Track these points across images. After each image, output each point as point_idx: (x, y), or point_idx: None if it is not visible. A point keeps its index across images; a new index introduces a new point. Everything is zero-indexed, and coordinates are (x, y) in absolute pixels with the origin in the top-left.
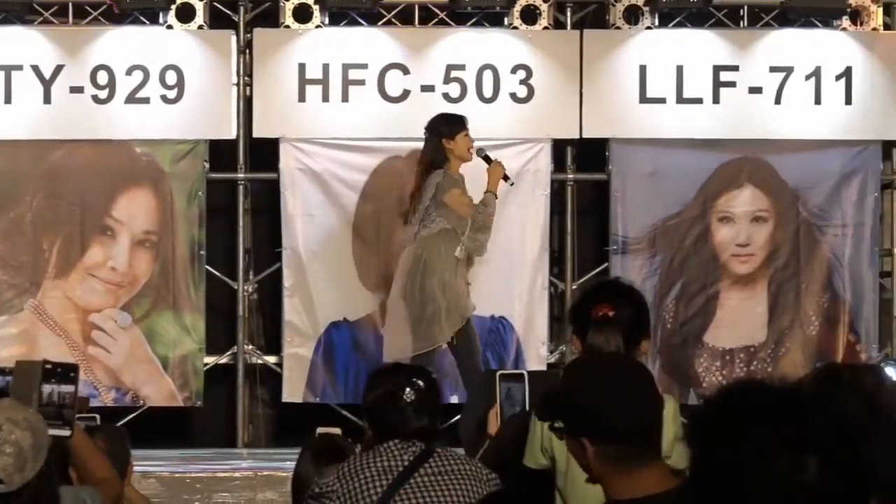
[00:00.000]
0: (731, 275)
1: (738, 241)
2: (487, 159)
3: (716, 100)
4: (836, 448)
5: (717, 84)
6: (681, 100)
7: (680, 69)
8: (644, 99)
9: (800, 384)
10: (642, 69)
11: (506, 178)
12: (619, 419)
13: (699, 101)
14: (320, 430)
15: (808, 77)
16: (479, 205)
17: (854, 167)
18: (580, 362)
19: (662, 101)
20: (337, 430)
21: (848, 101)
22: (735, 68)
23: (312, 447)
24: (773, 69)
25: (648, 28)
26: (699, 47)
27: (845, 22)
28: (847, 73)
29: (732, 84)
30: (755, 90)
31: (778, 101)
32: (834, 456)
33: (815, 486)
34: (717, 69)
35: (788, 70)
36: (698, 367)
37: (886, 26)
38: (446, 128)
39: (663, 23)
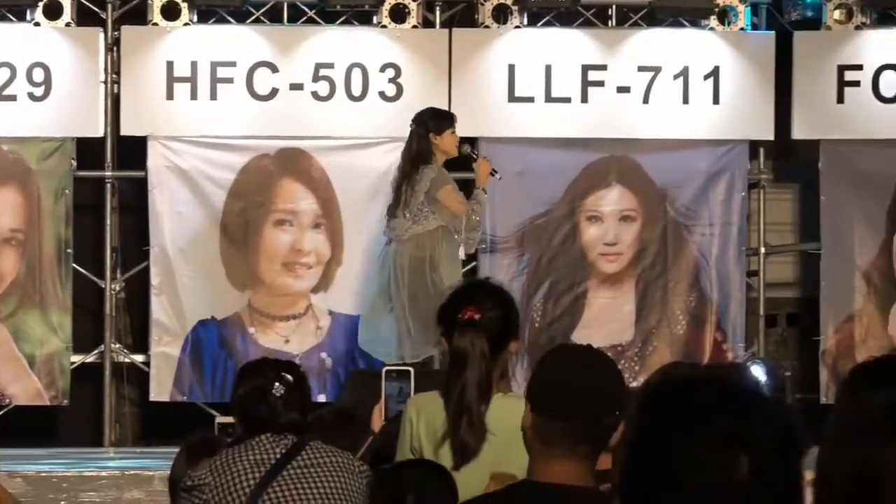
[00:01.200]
0: (599, 274)
1: (605, 240)
2: (473, 156)
3: (584, 99)
4: (770, 449)
5: (586, 83)
6: (549, 99)
7: (548, 68)
8: (512, 98)
9: (738, 376)
10: (511, 68)
11: (493, 172)
12: (559, 389)
13: (567, 100)
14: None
15: (676, 77)
16: (471, 202)
17: (721, 167)
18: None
19: (531, 100)
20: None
21: (716, 100)
22: (603, 67)
23: (186, 446)
24: (641, 69)
25: (517, 27)
26: (567, 47)
27: (713, 22)
28: (715, 73)
29: (601, 83)
30: (623, 90)
31: (646, 100)
32: (768, 457)
33: (744, 484)
34: (586, 68)
35: (656, 70)
36: None
37: (754, 26)
38: (434, 122)
39: (532, 22)
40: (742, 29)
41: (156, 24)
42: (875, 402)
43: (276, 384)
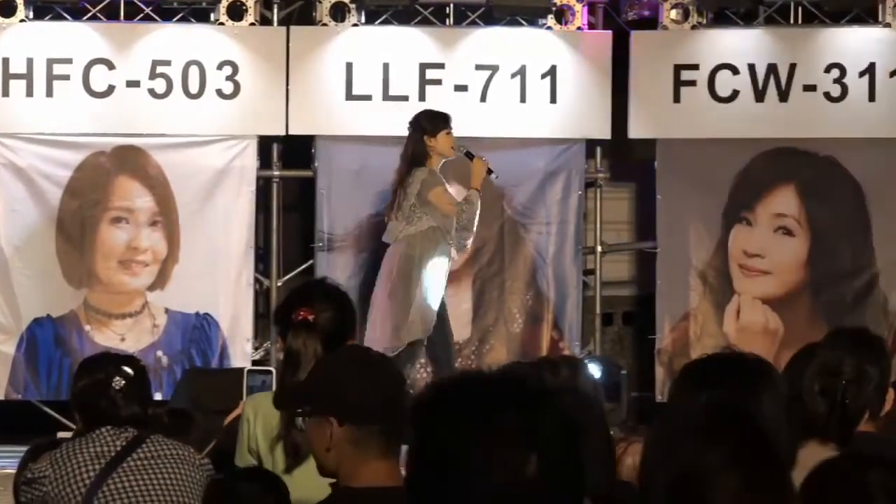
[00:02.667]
0: None
1: None
2: (469, 156)
3: (422, 97)
4: (556, 446)
5: (424, 82)
6: (387, 97)
7: (386, 66)
8: (350, 96)
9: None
10: (348, 66)
11: (490, 171)
12: (366, 396)
13: (405, 98)
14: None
15: (513, 76)
16: (462, 203)
17: (558, 166)
18: (332, 353)
19: (368, 98)
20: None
21: (553, 99)
22: (441, 66)
23: (34, 446)
24: (478, 67)
25: (355, 25)
26: (405, 45)
27: (550, 21)
28: (552, 72)
29: (438, 82)
30: (461, 88)
31: (483, 99)
32: (554, 454)
33: (533, 482)
34: (423, 67)
35: (494, 68)
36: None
37: (591, 26)
38: (429, 124)
39: (369, 20)
40: (579, 28)
41: None
42: (696, 403)
43: (117, 378)
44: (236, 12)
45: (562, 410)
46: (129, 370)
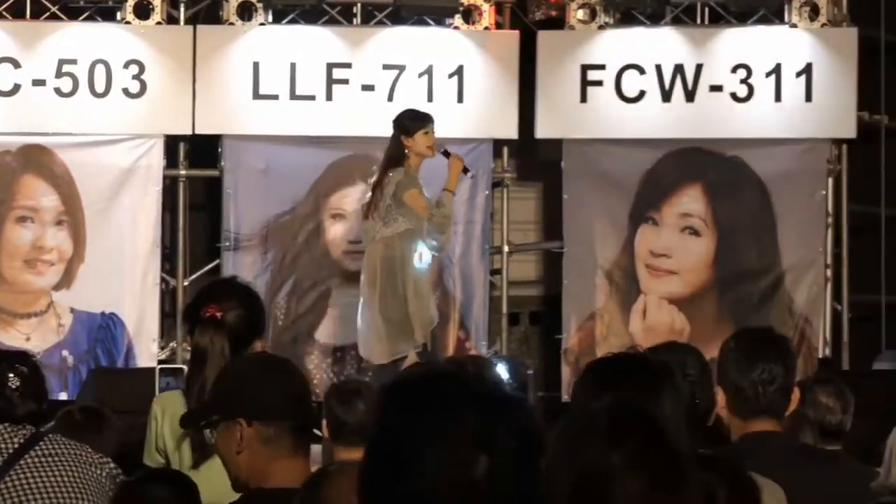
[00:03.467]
0: (343, 272)
1: (350, 237)
2: (447, 154)
3: (329, 97)
4: (511, 449)
5: (331, 81)
6: (294, 97)
7: (293, 66)
8: (257, 95)
9: (481, 373)
10: (255, 66)
11: (465, 170)
12: (272, 393)
13: (312, 98)
14: None
15: (420, 75)
16: (433, 205)
17: (470, 164)
18: (233, 361)
19: (275, 97)
20: None
21: (460, 99)
22: (348, 66)
23: None
24: (386, 67)
25: (262, 24)
26: (312, 44)
27: (458, 20)
28: (459, 72)
29: (345, 81)
30: (368, 88)
31: (391, 98)
32: (508, 457)
33: (483, 484)
34: (331, 66)
35: (401, 68)
36: (309, 365)
37: (498, 25)
38: (407, 124)
39: (277, 19)
40: (486, 28)
41: None
42: (599, 403)
43: (11, 376)
44: (143, 11)
45: (520, 416)
46: (23, 368)
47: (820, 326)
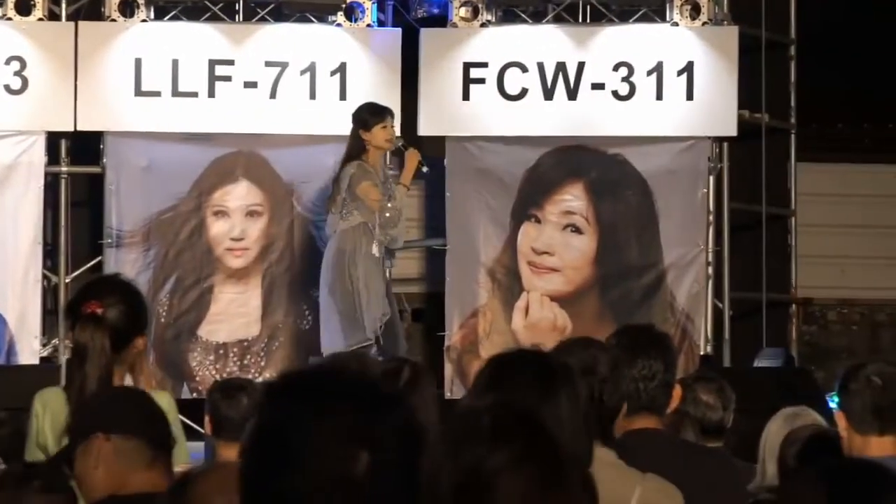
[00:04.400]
0: (226, 269)
1: (232, 234)
2: (405, 148)
3: (211, 94)
4: (393, 446)
5: (213, 78)
6: (176, 93)
7: (175, 63)
8: (139, 92)
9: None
10: (137, 62)
11: (421, 164)
12: (127, 407)
13: (195, 94)
14: None
15: (303, 72)
16: (384, 199)
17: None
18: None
19: (158, 94)
20: None
21: (342, 96)
22: (231, 62)
23: None
24: (268, 64)
25: (144, 21)
26: (194, 41)
27: (340, 17)
28: (342, 69)
29: (228, 78)
30: (250, 84)
31: (273, 95)
32: (389, 453)
33: (363, 480)
34: (213, 63)
35: (284, 65)
36: (192, 362)
37: (381, 23)
38: (365, 118)
39: (159, 16)
40: (369, 25)
41: None
42: (481, 405)
43: None
44: (24, 7)
45: (406, 416)
46: None
47: (701, 324)
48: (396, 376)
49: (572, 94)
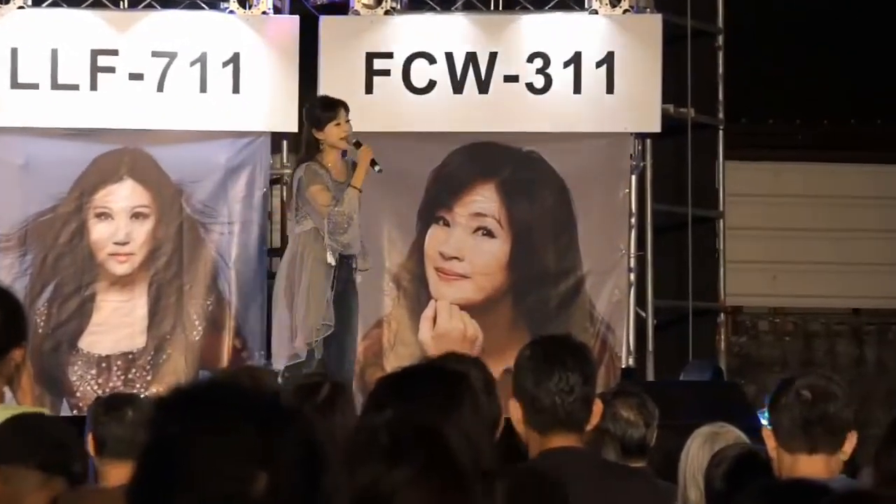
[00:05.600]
0: (109, 275)
1: (116, 238)
2: (357, 145)
3: (94, 86)
4: (292, 465)
5: (96, 69)
6: (56, 86)
7: (55, 53)
8: (16, 84)
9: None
10: (14, 52)
11: (373, 163)
12: (13, 435)
13: (76, 87)
14: None
15: (193, 63)
16: (332, 204)
17: (241, 160)
18: None
19: (35, 86)
20: None
21: (235, 89)
22: (115, 52)
23: None
24: (155, 54)
25: (20, 7)
26: (75, 29)
27: (233, 4)
28: (235, 60)
29: (112, 69)
30: (136, 76)
31: (161, 88)
32: (288, 473)
33: (261, 501)
34: (95, 53)
35: (172, 55)
36: (72, 376)
37: (277, 10)
38: (317, 115)
39: (37, 2)
40: (264, 13)
41: None
42: (379, 421)
43: None
44: None
45: (300, 431)
46: None
47: (623, 334)
48: (314, 393)
49: (483, 86)
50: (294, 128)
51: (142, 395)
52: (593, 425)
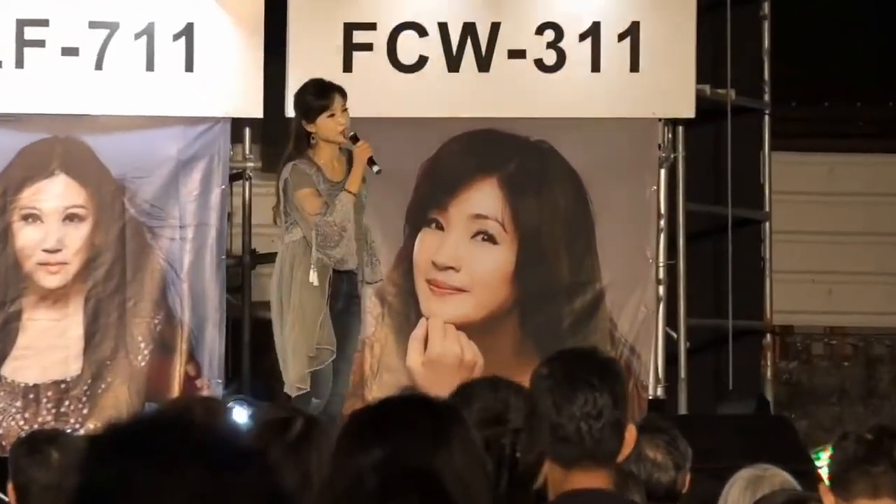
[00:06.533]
0: (38, 289)
1: (46, 245)
2: (354, 140)
3: (19, 63)
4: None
5: (22, 43)
6: None
7: None
8: None
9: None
10: None
11: (371, 162)
12: None
13: None
14: None
15: (137, 36)
16: (321, 212)
17: (195, 151)
18: None
19: None
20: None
21: (189, 67)
22: (44, 23)
23: None
24: (93, 25)
25: None
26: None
27: None
28: (188, 32)
29: (41, 43)
30: (70, 52)
31: (99, 66)
32: None
33: None
34: (22, 24)
35: (113, 27)
36: None
37: None
38: (309, 103)
39: None
40: None
41: None
42: (366, 462)
43: None
44: None
45: (260, 474)
46: None
47: (650, 359)
48: (286, 429)
49: (484, 64)
50: (259, 113)
51: (76, 432)
52: (624, 456)
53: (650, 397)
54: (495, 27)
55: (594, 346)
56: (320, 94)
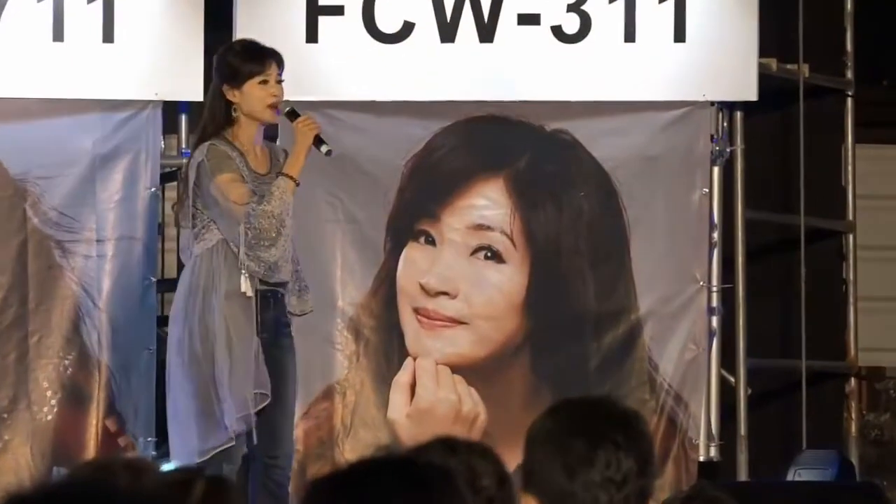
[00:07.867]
0: None
1: None
2: (292, 115)
3: None
4: None
5: None
6: None
7: None
8: None
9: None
10: None
11: (319, 142)
12: None
13: None
14: None
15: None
16: (252, 200)
17: (118, 144)
18: None
19: None
20: None
21: (108, 37)
22: None
23: None
24: None
25: None
26: None
27: None
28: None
29: None
30: None
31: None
32: None
33: None
34: None
35: None
36: None
37: None
38: (234, 65)
39: None
40: None
41: None
42: None
43: None
44: None
45: None
46: None
47: (701, 410)
48: (186, 492)
49: (487, 32)
50: (198, 95)
51: None
52: None
53: (701, 459)
54: None
55: (618, 393)
56: (251, 56)
